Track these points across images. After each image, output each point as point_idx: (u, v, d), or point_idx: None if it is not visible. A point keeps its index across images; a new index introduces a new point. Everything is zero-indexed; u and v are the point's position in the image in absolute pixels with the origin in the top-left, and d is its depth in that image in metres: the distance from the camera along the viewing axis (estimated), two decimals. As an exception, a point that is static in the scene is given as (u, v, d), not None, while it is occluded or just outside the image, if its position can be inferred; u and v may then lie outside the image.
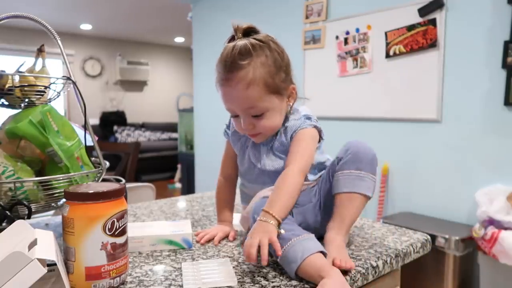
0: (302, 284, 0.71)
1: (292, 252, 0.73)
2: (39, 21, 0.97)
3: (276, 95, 0.85)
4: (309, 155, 0.86)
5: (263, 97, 0.83)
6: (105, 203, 0.66)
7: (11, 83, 0.94)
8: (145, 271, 0.76)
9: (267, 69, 0.83)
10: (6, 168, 0.86)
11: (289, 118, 0.90)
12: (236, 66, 0.81)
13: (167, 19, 5.58)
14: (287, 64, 0.87)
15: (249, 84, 0.81)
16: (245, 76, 0.81)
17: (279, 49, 0.86)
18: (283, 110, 0.89)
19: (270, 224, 0.74)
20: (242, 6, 3.36)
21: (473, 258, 1.96)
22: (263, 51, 0.83)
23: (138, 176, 5.73)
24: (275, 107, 0.86)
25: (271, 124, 0.87)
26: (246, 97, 0.82)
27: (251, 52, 0.82)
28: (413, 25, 2.25)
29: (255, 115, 0.85)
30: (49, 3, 4.87)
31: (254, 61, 0.82)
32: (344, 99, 2.64)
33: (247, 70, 0.81)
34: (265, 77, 0.82)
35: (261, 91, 0.82)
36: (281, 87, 0.86)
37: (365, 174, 0.84)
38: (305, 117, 0.89)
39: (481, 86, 2.03)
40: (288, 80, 0.88)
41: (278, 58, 0.85)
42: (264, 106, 0.84)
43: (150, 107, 7.60)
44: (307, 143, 0.87)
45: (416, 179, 2.33)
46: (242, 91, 0.82)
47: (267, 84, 0.83)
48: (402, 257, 0.88)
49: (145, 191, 1.94)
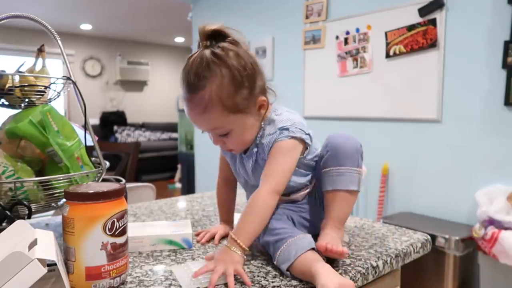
0: (302, 284, 0.71)
1: (287, 253, 0.75)
2: (39, 21, 0.97)
3: (240, 114, 0.80)
4: (282, 172, 0.81)
5: (224, 118, 0.79)
6: (105, 203, 0.66)
7: (11, 83, 0.94)
8: (145, 271, 0.76)
9: (225, 90, 0.76)
10: (6, 168, 0.86)
11: (265, 131, 0.85)
12: (192, 88, 0.77)
13: (167, 19, 5.58)
14: (250, 78, 0.79)
15: (205, 108, 0.77)
16: (201, 99, 0.77)
17: (238, 63, 0.78)
18: (253, 125, 0.83)
19: (236, 254, 0.74)
20: (242, 6, 3.36)
21: (473, 258, 1.96)
22: (219, 70, 0.76)
23: (138, 176, 5.73)
24: (240, 125, 0.81)
25: (239, 141, 0.84)
26: (207, 120, 0.79)
27: (206, 72, 0.76)
28: (413, 25, 2.25)
29: (222, 135, 0.82)
30: (49, 3, 4.87)
31: (210, 82, 0.76)
32: (344, 99, 2.64)
33: (203, 93, 0.76)
34: (222, 99, 0.76)
35: (220, 113, 0.78)
36: (244, 105, 0.79)
37: (345, 169, 0.82)
38: (281, 129, 0.83)
39: (481, 86, 2.03)
40: (254, 95, 0.81)
41: (237, 75, 0.77)
42: (227, 126, 0.80)
43: (150, 107, 7.60)
44: (281, 160, 0.82)
45: (416, 179, 2.33)
46: (202, 115, 0.78)
47: (226, 106, 0.77)
48: (402, 257, 0.88)
49: (145, 191, 1.94)
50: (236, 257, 0.73)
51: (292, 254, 0.73)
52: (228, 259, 0.73)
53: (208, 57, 0.77)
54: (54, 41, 0.99)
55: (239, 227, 0.77)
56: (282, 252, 0.75)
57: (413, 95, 2.30)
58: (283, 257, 0.75)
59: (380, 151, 2.47)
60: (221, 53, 0.77)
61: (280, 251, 0.76)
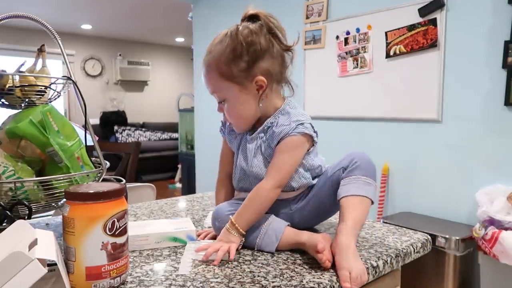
0: (303, 285, 0.71)
1: (267, 237, 0.85)
2: (40, 21, 0.97)
3: (234, 84, 0.86)
4: (288, 168, 0.88)
5: (220, 83, 0.87)
6: (106, 203, 0.66)
7: (12, 83, 0.94)
8: (145, 271, 0.76)
9: (223, 57, 0.85)
10: (7, 168, 0.86)
11: (278, 121, 0.89)
12: (206, 51, 0.89)
13: (168, 19, 5.58)
14: (252, 55, 0.85)
15: (208, 70, 0.88)
16: (206, 61, 0.88)
17: (246, 39, 0.85)
18: (247, 102, 0.88)
19: (234, 236, 0.84)
20: (242, 6, 3.32)
21: (473, 258, 1.96)
22: (226, 40, 0.86)
23: (139, 176, 5.73)
24: (232, 97, 0.88)
25: (233, 114, 0.90)
26: (207, 81, 0.89)
27: (218, 41, 0.87)
28: (414, 25, 2.25)
29: (219, 102, 0.91)
30: (49, 3, 4.87)
31: (217, 48, 0.87)
32: (344, 99, 2.64)
33: (208, 57, 0.88)
34: (219, 64, 0.86)
35: (217, 77, 0.87)
36: (238, 77, 0.86)
37: (372, 181, 0.87)
38: (296, 123, 0.87)
39: (481, 86, 2.03)
40: (252, 71, 0.86)
41: (238, 48, 0.85)
42: (221, 93, 0.89)
43: (151, 107, 7.60)
44: (289, 157, 0.87)
45: (416, 179, 2.33)
46: (205, 76, 0.89)
47: (221, 72, 0.86)
48: (402, 257, 0.88)
49: (146, 191, 1.93)
50: (233, 238, 0.84)
51: (274, 238, 0.85)
52: (225, 239, 0.84)
53: (226, 30, 0.88)
54: (54, 41, 0.99)
55: (240, 213, 0.85)
56: (262, 238, 0.86)
57: (413, 95, 2.29)
58: (266, 241, 0.85)
59: (380, 151, 2.46)
60: (237, 29, 0.87)
61: (259, 238, 0.86)
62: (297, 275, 0.75)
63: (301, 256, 0.84)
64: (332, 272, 0.76)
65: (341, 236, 0.79)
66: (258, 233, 0.86)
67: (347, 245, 0.77)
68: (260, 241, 0.86)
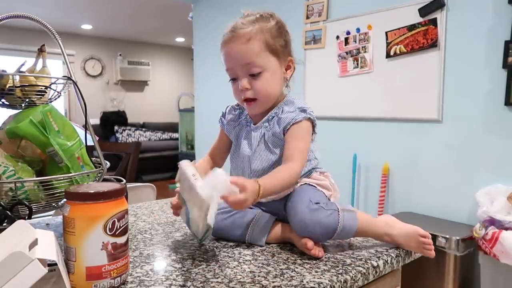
0: (303, 285, 0.71)
1: (257, 230, 0.89)
2: (40, 21, 0.97)
3: (275, 57, 0.90)
4: (305, 152, 0.90)
5: (262, 53, 0.88)
6: (106, 203, 0.66)
7: (12, 83, 0.94)
8: (145, 271, 0.76)
9: (269, 31, 0.89)
10: (7, 168, 0.86)
11: (283, 109, 0.92)
12: (240, 26, 0.89)
13: (168, 19, 5.58)
14: (289, 39, 0.94)
15: (249, 39, 0.88)
16: (247, 33, 0.88)
17: (284, 26, 0.94)
18: (279, 79, 0.92)
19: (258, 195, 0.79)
20: (242, 6, 3.35)
21: (473, 258, 1.96)
22: (268, 19, 0.91)
23: (139, 176, 5.73)
24: (272, 69, 0.90)
25: (267, 87, 0.90)
26: (245, 51, 0.88)
27: (257, 18, 0.90)
28: (414, 25, 2.25)
29: (253, 74, 0.89)
30: (49, 3, 4.87)
31: (258, 23, 0.89)
32: (344, 99, 2.64)
33: (251, 29, 0.88)
34: (266, 36, 0.89)
35: (260, 47, 0.88)
36: (280, 51, 0.91)
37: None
38: (300, 109, 0.91)
39: (481, 86, 2.03)
40: (287, 51, 0.93)
41: (282, 29, 0.92)
42: (262, 63, 0.89)
43: (151, 107, 7.60)
44: (305, 142, 0.90)
45: (416, 179, 2.33)
46: (243, 45, 0.88)
47: (267, 43, 0.89)
48: (402, 257, 0.88)
49: (146, 191, 1.93)
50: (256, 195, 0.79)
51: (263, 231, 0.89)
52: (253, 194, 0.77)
53: (261, 12, 0.93)
54: (55, 41, 0.99)
55: (268, 177, 0.84)
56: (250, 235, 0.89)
57: (414, 95, 2.29)
58: (254, 239, 0.89)
59: (381, 151, 2.46)
60: (274, 14, 0.94)
61: (248, 235, 0.89)
62: (297, 275, 0.75)
63: (301, 256, 0.84)
64: (332, 272, 0.76)
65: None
66: (246, 230, 0.89)
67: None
68: (249, 238, 0.89)
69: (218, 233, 0.92)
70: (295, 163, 0.86)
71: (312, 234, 0.82)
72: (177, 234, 0.99)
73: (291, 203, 0.87)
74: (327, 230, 0.82)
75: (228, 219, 0.91)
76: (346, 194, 2.56)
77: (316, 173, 0.96)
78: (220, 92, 3.50)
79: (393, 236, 0.87)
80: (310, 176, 0.95)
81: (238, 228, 0.90)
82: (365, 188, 2.57)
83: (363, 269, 0.78)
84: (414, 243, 0.86)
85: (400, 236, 0.87)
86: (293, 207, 0.85)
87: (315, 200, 0.84)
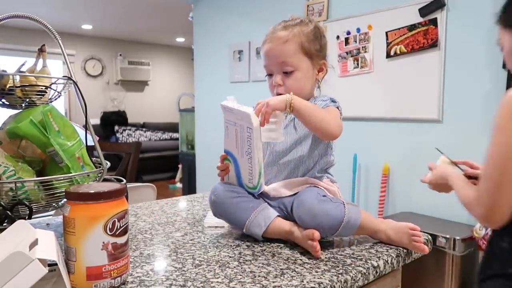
0: (303, 284, 0.71)
1: (256, 221, 0.90)
2: (40, 21, 0.97)
3: (308, 59, 0.98)
4: (341, 124, 0.94)
5: (296, 54, 0.97)
6: (106, 203, 0.66)
7: (12, 83, 0.94)
8: (146, 271, 0.76)
9: (306, 35, 0.97)
10: (7, 168, 0.86)
11: (316, 99, 1.00)
12: (282, 28, 0.98)
13: (168, 19, 5.58)
14: (324, 43, 1.02)
15: (286, 41, 0.96)
16: (286, 35, 0.97)
17: (321, 31, 1.02)
18: (311, 79, 1.01)
19: (286, 100, 0.86)
20: (242, 6, 3.36)
21: (473, 258, 1.96)
22: (307, 24, 0.99)
23: (139, 176, 5.73)
24: (304, 69, 0.98)
25: (297, 86, 0.97)
26: (281, 51, 0.96)
27: (297, 22, 0.99)
28: (414, 25, 2.25)
29: (286, 72, 0.97)
30: (49, 3, 4.87)
31: (297, 27, 0.98)
32: (345, 99, 2.62)
33: (289, 31, 0.97)
34: (302, 39, 0.97)
35: (295, 48, 0.96)
36: (314, 54, 0.99)
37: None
38: (331, 100, 0.99)
39: (482, 86, 2.03)
40: (322, 55, 1.02)
41: (318, 34, 1.00)
42: (295, 62, 0.97)
43: (151, 107, 7.60)
44: (338, 118, 0.96)
45: (416, 179, 2.31)
46: (280, 45, 0.97)
47: (302, 45, 0.97)
48: (403, 257, 0.88)
49: (146, 191, 1.93)
50: (284, 102, 0.86)
51: (262, 224, 0.90)
52: (279, 99, 0.87)
53: (303, 17, 1.01)
54: (55, 41, 0.99)
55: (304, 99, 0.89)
56: (251, 220, 0.90)
57: (414, 95, 2.29)
58: (254, 225, 0.90)
59: (381, 151, 2.46)
60: (313, 20, 1.03)
61: (248, 220, 0.91)
62: (297, 275, 0.75)
63: (301, 256, 0.84)
64: (332, 272, 0.76)
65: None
66: (248, 215, 0.91)
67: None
68: (249, 223, 0.91)
69: (223, 208, 0.95)
70: (332, 118, 0.91)
71: (319, 224, 0.84)
72: (177, 234, 0.99)
73: (298, 198, 0.90)
74: (334, 221, 0.85)
75: (235, 199, 0.94)
76: (346, 194, 2.55)
77: (327, 179, 0.99)
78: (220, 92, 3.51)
79: (387, 231, 0.90)
80: (322, 180, 0.98)
81: (242, 210, 0.92)
82: (365, 188, 2.57)
83: (363, 269, 0.78)
84: (406, 239, 0.88)
85: (392, 229, 0.90)
86: (301, 200, 0.88)
87: (322, 193, 0.89)
